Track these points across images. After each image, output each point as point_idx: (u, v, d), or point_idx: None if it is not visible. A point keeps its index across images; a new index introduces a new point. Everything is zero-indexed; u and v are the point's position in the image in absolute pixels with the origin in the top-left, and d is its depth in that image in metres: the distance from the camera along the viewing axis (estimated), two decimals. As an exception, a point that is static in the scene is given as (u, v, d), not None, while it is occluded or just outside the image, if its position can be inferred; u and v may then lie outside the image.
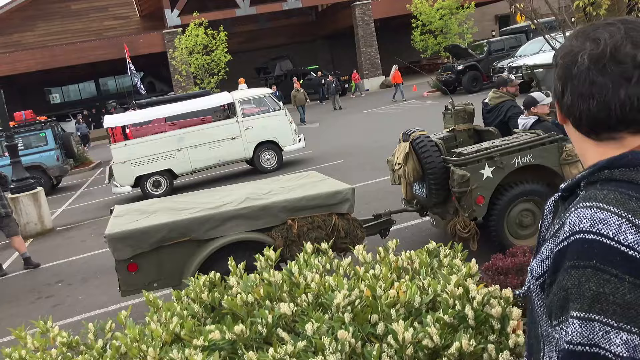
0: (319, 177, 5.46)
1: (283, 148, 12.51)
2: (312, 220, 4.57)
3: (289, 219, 4.56)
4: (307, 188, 4.99)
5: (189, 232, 4.44)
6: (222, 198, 5.01)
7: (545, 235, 1.10)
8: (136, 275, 4.39)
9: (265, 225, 4.57)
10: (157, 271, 4.43)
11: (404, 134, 5.19)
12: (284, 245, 4.44)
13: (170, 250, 4.43)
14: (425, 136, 5.00)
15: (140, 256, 4.37)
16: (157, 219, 4.58)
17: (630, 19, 1.00)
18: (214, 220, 4.48)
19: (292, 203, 4.60)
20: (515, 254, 3.08)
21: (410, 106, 20.83)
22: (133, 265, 4.37)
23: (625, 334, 0.83)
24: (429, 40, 27.10)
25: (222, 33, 24.78)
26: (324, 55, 40.37)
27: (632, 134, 0.96)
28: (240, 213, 4.53)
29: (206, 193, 5.72)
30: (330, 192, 4.72)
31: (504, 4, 34.84)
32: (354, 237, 4.64)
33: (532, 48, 19.00)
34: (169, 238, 4.40)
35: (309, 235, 4.48)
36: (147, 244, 4.35)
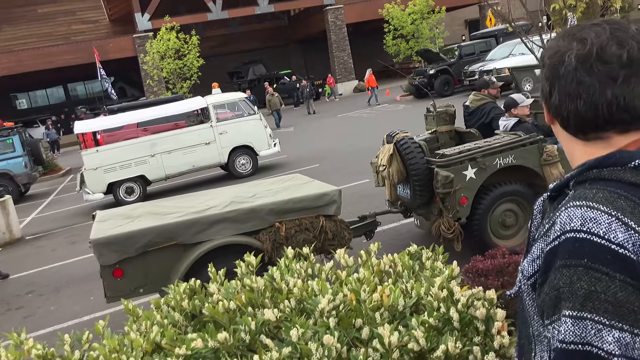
0: (304, 180, 5.45)
1: (258, 153, 12.44)
2: (300, 223, 4.55)
3: (277, 221, 4.54)
4: (293, 190, 4.97)
5: (175, 237, 4.39)
6: (206, 202, 4.96)
7: (535, 235, 1.10)
8: (122, 280, 4.32)
9: (253, 229, 4.54)
10: (143, 276, 4.37)
11: (387, 136, 5.21)
12: (272, 248, 4.42)
13: (157, 255, 4.37)
14: (409, 138, 5.03)
15: (126, 261, 4.30)
16: (143, 223, 4.52)
17: (615, 20, 1.02)
18: (200, 223, 4.43)
19: (279, 205, 4.58)
20: (494, 255, 3.11)
21: (384, 110, 20.97)
22: (118, 271, 4.29)
23: (617, 331, 0.83)
24: (401, 44, 27.36)
25: (194, 37, 24.56)
26: (297, 59, 40.38)
27: (618, 133, 0.97)
28: (227, 216, 4.49)
29: (189, 197, 5.67)
30: (318, 194, 4.71)
31: (473, 9, 35.49)
32: (341, 239, 4.63)
33: (502, 52, 19.37)
34: (155, 242, 4.34)
35: (297, 238, 4.45)
36: (133, 249, 4.29)
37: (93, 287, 6.42)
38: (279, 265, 3.02)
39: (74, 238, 9.35)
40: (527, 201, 4.99)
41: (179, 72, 24.78)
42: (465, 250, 4.79)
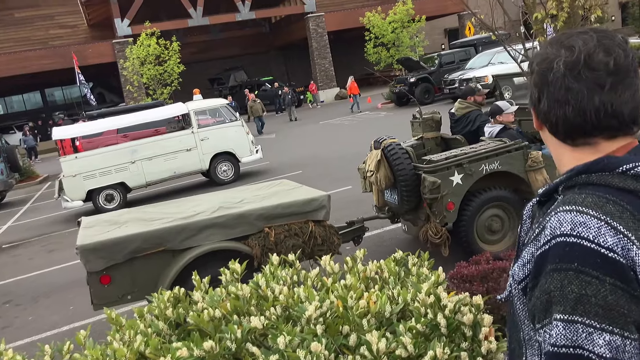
0: (291, 185, 5.44)
1: (240, 159, 12.38)
2: (289, 228, 4.54)
3: (266, 226, 4.52)
4: (282, 196, 4.96)
5: (163, 242, 4.35)
6: (193, 207, 4.92)
7: (525, 239, 1.11)
8: (109, 287, 4.26)
9: (242, 234, 4.51)
10: (131, 283, 4.31)
11: (375, 142, 5.24)
12: (262, 253, 4.39)
13: (145, 261, 4.32)
14: (396, 144, 5.07)
15: (113, 268, 4.25)
16: (130, 229, 4.47)
17: (601, 28, 1.04)
18: (189, 229, 4.41)
19: (269, 211, 4.56)
20: (479, 261, 3.14)
21: (366, 117, 21.07)
22: (106, 278, 4.23)
23: (607, 334, 0.84)
24: (382, 52, 27.58)
25: (174, 43, 24.43)
26: (278, 66, 40.41)
27: (606, 139, 0.99)
28: (215, 222, 4.47)
29: (176, 203, 5.62)
30: (307, 199, 4.71)
31: (452, 19, 35.96)
32: (330, 244, 4.64)
33: (481, 61, 19.66)
34: (143, 248, 4.29)
35: (286, 243, 4.44)
36: (121, 255, 4.23)
37: (72, 297, 6.31)
38: (264, 272, 2.99)
39: (51, 246, 9.18)
40: (513, 206, 5.06)
41: (160, 78, 24.61)
42: (451, 256, 4.82)
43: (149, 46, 24.01)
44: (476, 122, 5.90)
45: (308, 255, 4.55)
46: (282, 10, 35.72)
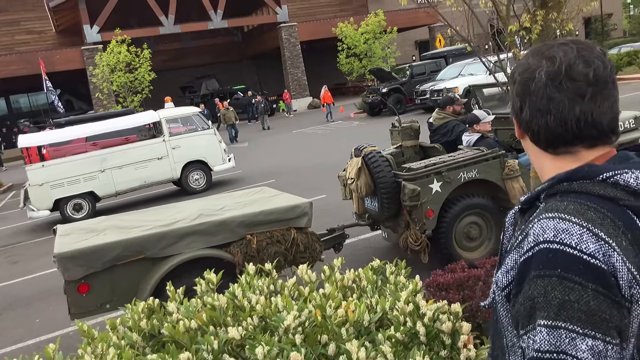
0: (272, 192, 5.42)
1: (212, 168, 12.28)
2: (271, 235, 4.51)
3: (248, 234, 4.48)
4: (263, 203, 4.93)
5: (144, 250, 4.29)
6: (173, 215, 4.87)
7: (507, 246, 1.12)
8: (87, 296, 4.17)
9: (223, 241, 4.47)
10: (110, 292, 4.23)
11: (355, 150, 5.28)
12: (244, 261, 4.35)
13: (124, 269, 4.24)
14: (376, 152, 5.12)
15: (92, 276, 4.16)
16: (109, 237, 4.38)
17: (581, 40, 1.06)
18: (169, 237, 4.35)
19: (250, 218, 4.53)
20: (454, 270, 3.16)
21: (338, 127, 21.17)
22: (84, 286, 4.15)
23: (590, 340, 0.85)
24: (354, 63, 27.82)
25: (145, 51, 24.15)
26: (251, 75, 40.34)
27: (586, 148, 1.01)
28: (197, 229, 4.42)
29: (154, 210, 5.55)
30: (289, 206, 4.70)
31: (423, 30, 36.54)
32: (312, 251, 4.64)
33: (452, 72, 20.02)
34: (123, 256, 4.22)
35: (268, 250, 4.42)
36: (100, 263, 4.16)
37: (38, 310, 6.12)
38: (240, 282, 2.96)
39: (15, 258, 8.89)
40: (490, 214, 5.14)
41: (130, 85, 24.26)
42: (428, 263, 4.86)
43: (120, 53, 23.70)
44: (454, 132, 6.00)
45: (290, 262, 4.54)
46: (255, 19, 35.73)
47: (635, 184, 0.94)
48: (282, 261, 4.50)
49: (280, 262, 4.47)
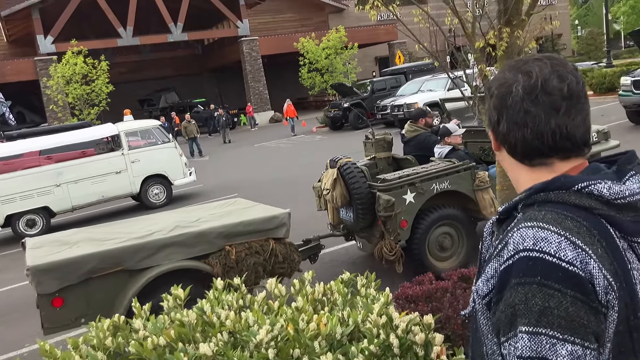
0: (248, 204, 5.41)
1: (173, 182, 12.07)
2: (250, 246, 4.50)
3: (227, 245, 4.46)
4: (240, 214, 4.91)
5: (121, 262, 4.20)
6: (147, 227, 4.79)
7: (486, 256, 1.15)
8: (61, 310, 4.05)
9: (202, 253, 4.44)
10: (85, 305, 4.12)
11: (331, 161, 5.34)
12: (223, 272, 4.32)
13: (100, 282, 4.14)
14: (352, 163, 5.17)
15: (67, 289, 4.05)
16: (84, 249, 4.27)
17: (554, 56, 1.10)
18: (147, 248, 4.29)
19: (229, 229, 4.52)
20: (422, 282, 3.20)
21: (301, 141, 21.22)
22: (58, 300, 4.03)
23: (569, 345, 0.88)
24: (316, 77, 28.06)
25: (103, 63, 23.66)
26: (211, 88, 40.07)
27: (561, 160, 1.05)
28: (175, 240, 4.37)
29: (127, 223, 5.46)
30: (267, 216, 4.70)
31: (383, 47, 37.23)
32: (291, 262, 4.64)
33: (412, 88, 20.43)
34: (99, 268, 4.14)
35: (247, 261, 4.41)
36: (75, 276, 4.06)
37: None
38: (208, 297, 2.90)
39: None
40: (462, 224, 5.24)
41: (87, 98, 23.67)
42: (397, 276, 4.90)
43: (76, 65, 23.12)
44: (426, 144, 6.12)
45: (269, 273, 4.53)
46: (216, 32, 35.61)
47: (608, 194, 0.98)
48: (261, 272, 4.50)
49: (259, 273, 4.47)
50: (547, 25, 3.61)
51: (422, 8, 2.38)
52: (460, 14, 2.34)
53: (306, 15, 39.19)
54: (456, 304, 2.91)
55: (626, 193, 0.98)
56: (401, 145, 6.65)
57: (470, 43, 2.35)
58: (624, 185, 1.00)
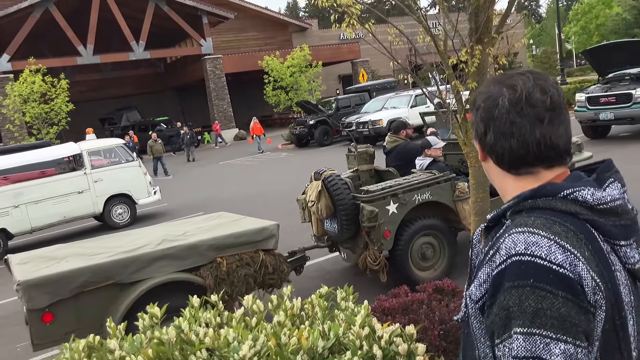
0: (234, 217, 5.45)
1: (137, 201, 11.85)
2: (241, 258, 4.53)
3: (217, 257, 4.47)
4: (229, 226, 4.93)
5: (113, 275, 4.18)
6: (133, 241, 4.76)
7: (476, 262, 1.19)
8: (51, 326, 3.98)
9: (192, 265, 4.47)
10: (76, 320, 4.06)
11: (315, 173, 5.41)
12: (214, 284, 4.34)
13: (90, 296, 4.10)
14: (336, 175, 5.25)
15: (57, 304, 3.98)
16: (74, 263, 4.21)
17: (535, 70, 1.17)
18: (139, 261, 4.28)
19: (220, 241, 4.56)
20: (397, 294, 3.23)
21: (267, 158, 21.19)
22: (48, 315, 3.96)
23: (562, 344, 0.92)
24: (281, 95, 28.17)
25: (63, 81, 23.14)
26: (174, 106, 39.69)
27: (545, 168, 1.10)
28: (166, 253, 4.37)
29: (112, 238, 5.43)
30: (257, 228, 4.75)
31: (346, 65, 37.75)
32: (280, 273, 4.69)
33: (376, 105, 20.76)
34: (91, 282, 4.12)
35: (238, 273, 4.44)
36: (67, 290, 4.03)
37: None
38: (184, 315, 2.86)
39: None
40: (443, 234, 5.35)
41: (45, 117, 23.05)
42: (373, 287, 4.93)
43: (34, 83, 22.53)
44: (404, 152, 6.32)
45: (260, 284, 4.57)
46: (179, 51, 35.40)
47: (592, 200, 1.04)
48: (252, 283, 4.54)
49: (249, 284, 4.51)
50: (516, 43, 3.79)
51: (397, 27, 2.45)
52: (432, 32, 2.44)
53: (270, 34, 39.46)
54: (432, 315, 2.96)
55: (607, 199, 1.04)
56: (383, 158, 6.84)
57: (443, 60, 2.44)
58: (605, 191, 1.06)
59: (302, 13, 77.07)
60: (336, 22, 2.56)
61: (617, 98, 11.72)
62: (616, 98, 11.74)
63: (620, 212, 1.06)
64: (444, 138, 6.28)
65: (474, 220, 2.66)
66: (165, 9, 29.97)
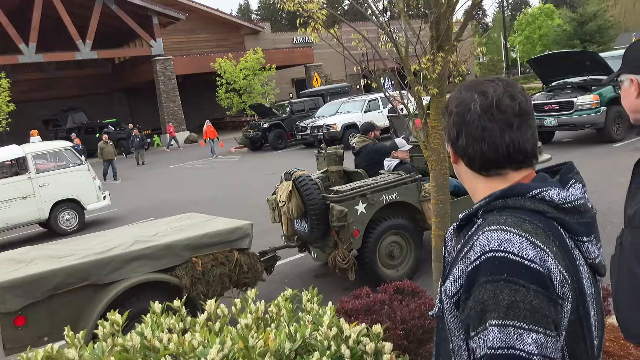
0: (205, 217, 5.46)
1: (85, 206, 11.45)
2: (215, 257, 4.54)
3: (193, 256, 4.47)
4: (202, 226, 4.92)
5: (89, 276, 4.11)
6: (103, 243, 4.70)
7: (449, 259, 1.24)
8: (24, 329, 3.89)
9: (168, 265, 4.45)
10: (49, 323, 3.96)
11: (286, 174, 5.47)
12: (191, 283, 4.34)
13: (64, 298, 4.01)
14: (306, 175, 5.32)
15: (29, 307, 3.88)
16: (46, 265, 4.11)
17: (504, 78, 1.24)
18: (115, 262, 4.25)
19: (195, 241, 4.55)
20: (359, 295, 3.28)
21: (219, 161, 20.94)
22: (20, 319, 3.87)
23: (534, 334, 0.98)
24: (234, 98, 27.91)
25: (3, 80, 22.14)
26: (122, 108, 38.68)
27: (514, 170, 1.17)
28: (142, 253, 4.33)
29: (79, 240, 5.32)
30: (231, 227, 4.77)
31: (299, 69, 37.87)
32: (255, 271, 4.74)
33: (330, 110, 20.93)
34: (66, 284, 4.05)
35: (214, 272, 4.46)
36: (40, 292, 3.95)
37: None
38: (146, 321, 2.81)
39: None
40: (410, 233, 5.50)
41: (-18, 117, 22.00)
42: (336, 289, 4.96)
43: (-30, 82, 21.48)
44: (373, 151, 6.46)
45: (235, 283, 4.60)
46: (127, 51, 34.55)
47: (558, 199, 1.11)
48: (227, 282, 4.56)
49: (225, 283, 4.53)
50: (475, 51, 3.98)
51: (361, 33, 2.51)
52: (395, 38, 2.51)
53: (222, 36, 39.08)
54: (394, 315, 3.02)
55: (571, 198, 1.12)
56: (352, 159, 6.97)
57: (405, 66, 2.52)
58: (569, 191, 1.13)
59: (255, 15, 76.77)
60: (301, 27, 2.60)
61: (560, 105, 12.28)
62: (559, 105, 12.31)
63: (582, 210, 1.13)
64: (412, 141, 6.50)
65: (434, 222, 2.74)
66: (114, 7, 29.19)
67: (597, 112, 11.71)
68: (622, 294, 1.85)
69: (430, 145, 2.63)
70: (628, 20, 56.61)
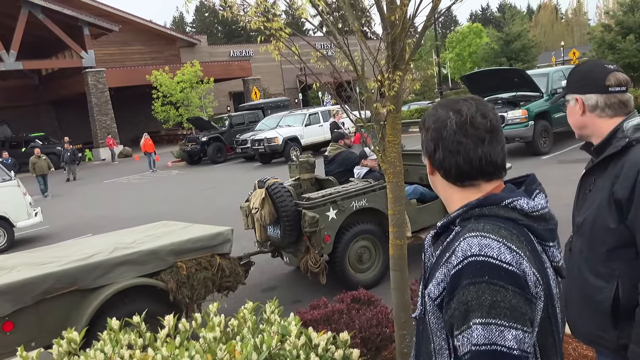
0: (181, 224, 5.57)
1: (15, 224, 10.85)
2: (199, 262, 4.65)
3: (177, 261, 4.56)
4: (182, 232, 5.03)
5: (76, 282, 4.18)
6: (82, 250, 4.70)
7: (428, 264, 1.34)
8: (12, 335, 3.86)
9: (153, 270, 4.54)
10: (37, 328, 3.95)
11: (259, 181, 5.58)
12: (177, 287, 4.44)
13: (52, 303, 4.01)
14: (279, 183, 5.44)
15: (17, 312, 3.93)
16: (30, 271, 4.10)
17: (476, 97, 1.36)
18: (102, 267, 4.31)
19: (179, 246, 4.67)
20: (317, 306, 3.34)
21: (156, 176, 20.42)
22: (8, 324, 3.84)
23: (514, 330, 1.08)
24: (170, 111, 27.32)
25: None
26: (50, 121, 36.97)
27: (486, 181, 1.29)
28: (128, 259, 4.40)
29: (55, 248, 5.34)
30: (213, 233, 4.89)
31: (237, 82, 37.70)
32: (236, 275, 4.87)
33: (271, 123, 20.94)
34: (55, 289, 4.07)
35: (198, 276, 4.57)
36: (30, 298, 3.96)
37: None
38: (103, 338, 2.74)
39: None
40: (378, 239, 5.72)
41: None
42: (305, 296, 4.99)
43: None
44: (347, 159, 6.71)
45: (217, 287, 4.73)
46: (56, 62, 33.17)
47: (527, 208, 1.23)
48: (210, 286, 4.67)
49: (208, 287, 4.65)
50: (428, 71, 4.13)
51: (320, 52, 2.60)
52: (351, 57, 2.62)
53: (157, 48, 38.33)
54: (352, 324, 3.09)
55: (538, 207, 1.25)
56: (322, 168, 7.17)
57: (361, 83, 2.64)
58: (534, 201, 1.26)
59: (189, 28, 75.74)
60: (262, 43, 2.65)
61: (491, 120, 12.91)
62: (490, 120, 12.93)
63: (547, 218, 1.27)
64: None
65: (392, 231, 2.86)
66: (41, 17, 27.94)
67: (526, 126, 12.43)
68: (571, 297, 2.02)
69: (387, 159, 2.75)
70: (547, 40, 60.57)
